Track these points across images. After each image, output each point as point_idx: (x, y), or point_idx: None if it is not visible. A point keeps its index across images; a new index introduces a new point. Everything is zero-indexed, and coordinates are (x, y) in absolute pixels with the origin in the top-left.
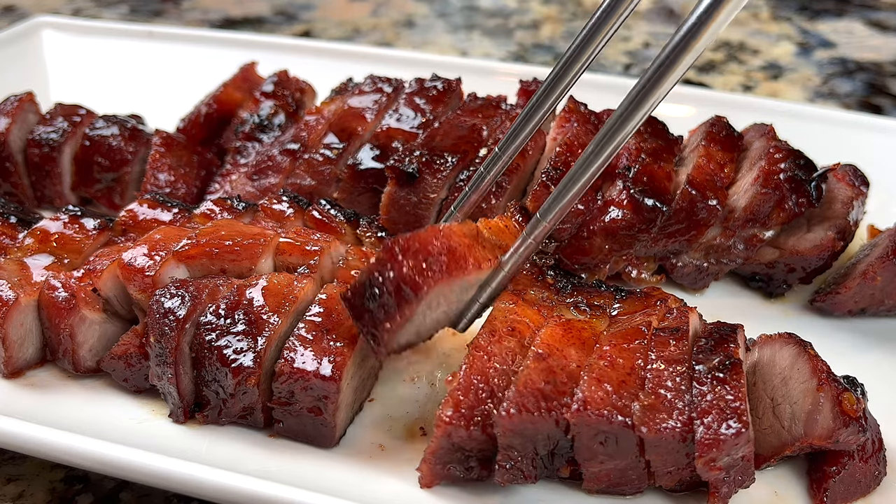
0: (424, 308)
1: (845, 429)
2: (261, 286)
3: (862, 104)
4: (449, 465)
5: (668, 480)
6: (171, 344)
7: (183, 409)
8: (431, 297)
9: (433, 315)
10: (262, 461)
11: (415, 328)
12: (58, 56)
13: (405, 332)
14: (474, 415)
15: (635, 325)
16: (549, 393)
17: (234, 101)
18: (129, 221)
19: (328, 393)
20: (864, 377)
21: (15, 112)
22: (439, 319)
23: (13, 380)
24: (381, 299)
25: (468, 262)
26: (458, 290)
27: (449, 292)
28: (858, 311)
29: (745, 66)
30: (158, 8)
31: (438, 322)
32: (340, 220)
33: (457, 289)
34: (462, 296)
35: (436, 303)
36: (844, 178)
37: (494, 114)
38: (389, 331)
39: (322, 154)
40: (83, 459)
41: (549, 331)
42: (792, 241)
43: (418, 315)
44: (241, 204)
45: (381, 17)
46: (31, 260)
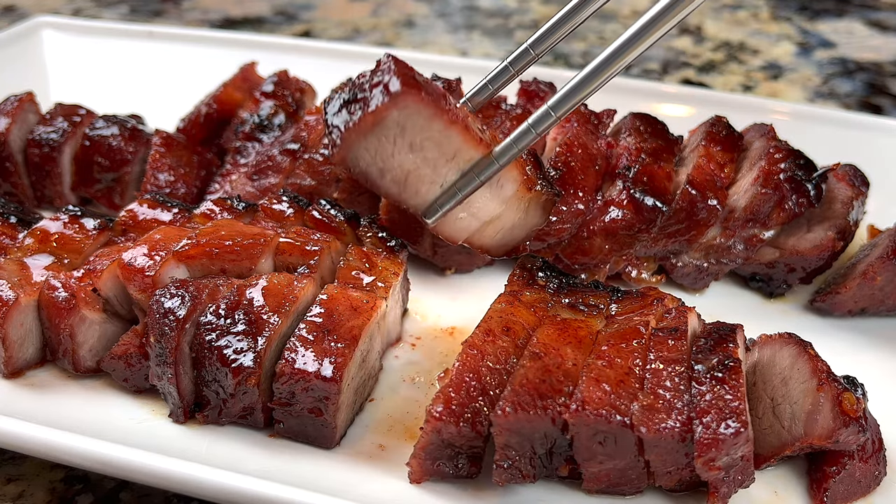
0: (398, 136)
1: (845, 429)
2: (261, 286)
3: (862, 104)
4: (438, 461)
5: (668, 480)
6: (171, 344)
7: (183, 409)
8: (410, 122)
9: (410, 165)
10: (263, 461)
11: (390, 173)
12: (58, 56)
13: (372, 161)
14: (465, 412)
15: (634, 325)
16: (545, 391)
17: (234, 101)
18: (129, 221)
19: (329, 394)
20: (864, 377)
21: (15, 112)
22: (417, 183)
23: (13, 380)
24: (359, 96)
25: (458, 117)
26: (440, 147)
27: (430, 138)
28: (858, 311)
29: (745, 67)
30: (158, 8)
31: (414, 188)
32: (340, 220)
33: (439, 143)
34: (443, 169)
35: (416, 143)
36: (844, 178)
37: (494, 114)
38: (353, 130)
39: (322, 154)
40: (83, 459)
41: (545, 330)
42: (792, 241)
43: (392, 147)
44: (241, 204)
45: (381, 17)
46: (31, 260)
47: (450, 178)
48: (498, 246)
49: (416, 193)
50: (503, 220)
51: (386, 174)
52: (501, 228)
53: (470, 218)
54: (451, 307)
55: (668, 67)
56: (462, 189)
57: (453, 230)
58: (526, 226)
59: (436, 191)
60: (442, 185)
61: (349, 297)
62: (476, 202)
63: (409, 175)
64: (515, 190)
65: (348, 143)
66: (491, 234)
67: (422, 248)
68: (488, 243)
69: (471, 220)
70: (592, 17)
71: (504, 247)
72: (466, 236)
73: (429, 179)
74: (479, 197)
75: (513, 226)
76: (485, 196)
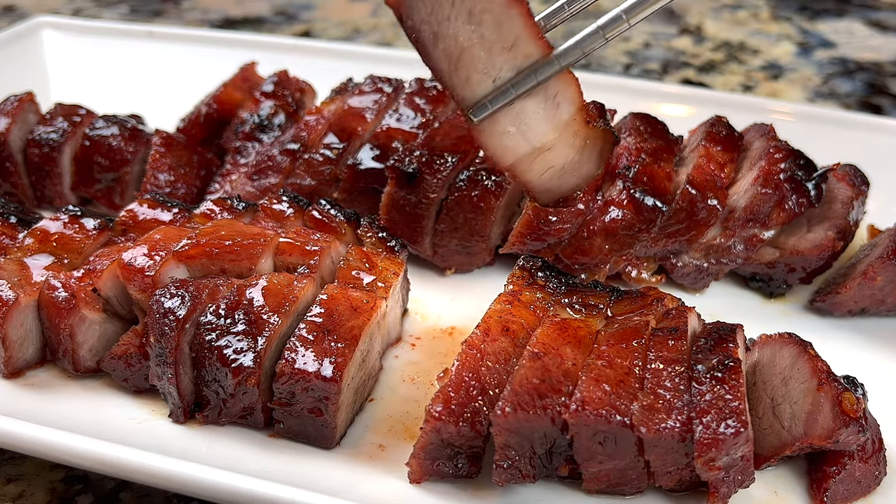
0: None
1: (845, 429)
2: (261, 286)
3: (862, 104)
4: (438, 461)
5: (668, 480)
6: (171, 344)
7: (183, 409)
8: None
9: (465, 39)
10: (263, 461)
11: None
12: (58, 56)
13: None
14: (464, 411)
15: (633, 324)
16: (544, 391)
17: (234, 101)
18: (129, 221)
19: (329, 394)
20: (865, 377)
21: (15, 112)
22: (469, 67)
23: (13, 380)
24: None
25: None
26: (499, 28)
27: (490, 10)
28: (858, 311)
29: (745, 66)
30: (158, 8)
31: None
32: (340, 220)
33: (499, 22)
34: (498, 59)
35: (475, 12)
36: (844, 178)
37: None
38: None
39: (322, 154)
40: (83, 459)
41: (545, 330)
42: (792, 241)
43: (450, 8)
44: (241, 204)
45: (381, 17)
46: (31, 260)
47: (504, 74)
48: (544, 189)
49: (466, 81)
50: (554, 155)
51: (439, 41)
52: (551, 167)
53: (518, 136)
54: (451, 307)
55: (668, 67)
56: (516, 87)
57: (499, 145)
58: (579, 171)
59: (487, 85)
60: (495, 81)
61: (349, 297)
62: (527, 116)
63: (463, 53)
64: (572, 115)
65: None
66: (539, 170)
67: (422, 248)
68: (535, 181)
69: (519, 140)
70: (593, 17)
71: (549, 192)
72: (512, 160)
73: (482, 67)
74: (532, 111)
75: (563, 166)
76: (538, 112)
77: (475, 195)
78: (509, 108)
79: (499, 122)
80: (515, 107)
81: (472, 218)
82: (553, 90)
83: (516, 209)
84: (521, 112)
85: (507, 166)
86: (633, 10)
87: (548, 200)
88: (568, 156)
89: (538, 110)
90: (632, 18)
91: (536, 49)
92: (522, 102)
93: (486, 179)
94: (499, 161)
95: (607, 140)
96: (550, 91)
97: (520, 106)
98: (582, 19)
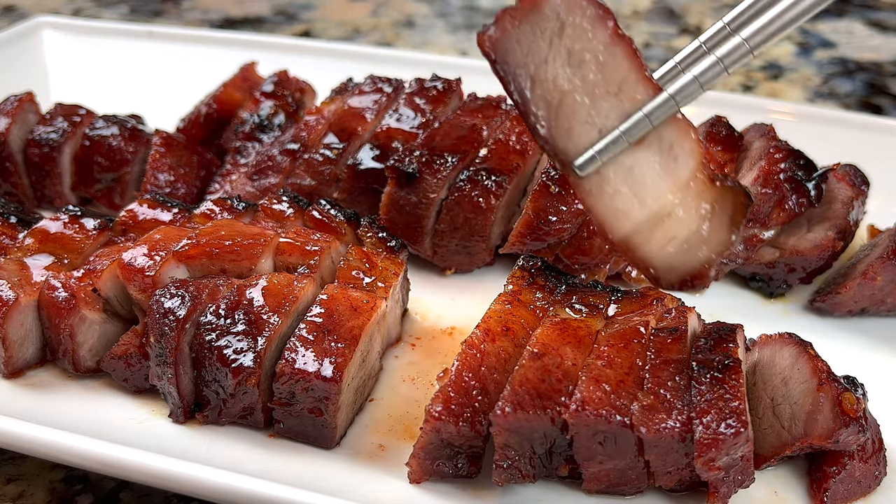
0: (556, 36)
1: (845, 429)
2: (261, 286)
3: (862, 104)
4: (438, 461)
5: (668, 480)
6: (171, 344)
7: (183, 409)
8: (571, 19)
9: (566, 84)
10: (263, 461)
11: (541, 86)
12: (58, 56)
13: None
14: (464, 411)
15: (633, 325)
16: (544, 391)
17: (234, 101)
18: (129, 221)
19: (329, 394)
20: (865, 377)
21: (15, 112)
22: (571, 116)
23: (13, 380)
24: None
25: (626, 35)
26: (602, 69)
27: (592, 50)
28: (859, 311)
29: (745, 66)
30: (158, 8)
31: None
32: (340, 221)
33: (603, 63)
34: (603, 104)
35: (575, 53)
36: (845, 178)
37: (494, 114)
38: (508, 11)
39: (322, 154)
40: (83, 459)
41: (545, 330)
42: (792, 241)
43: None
44: (241, 204)
45: (381, 17)
46: (31, 260)
47: (611, 122)
48: (668, 266)
49: (567, 131)
50: (677, 223)
51: (537, 85)
52: (674, 237)
53: (632, 196)
54: (451, 307)
55: None
56: (628, 135)
57: (610, 208)
58: (708, 242)
59: (593, 135)
60: (601, 131)
61: (349, 297)
62: (641, 171)
63: (564, 99)
64: (692, 171)
65: (502, 26)
66: (660, 242)
67: (422, 248)
68: (656, 256)
69: (633, 202)
70: None
71: (674, 269)
72: (628, 228)
73: (585, 115)
74: (646, 166)
75: (688, 237)
76: (653, 166)
77: (475, 195)
78: (620, 163)
79: (609, 181)
80: (627, 160)
81: (472, 218)
82: (668, 140)
83: (516, 209)
84: (634, 167)
85: (621, 237)
86: (756, 37)
87: (674, 279)
88: (693, 223)
89: (653, 165)
90: (754, 46)
91: (646, 91)
92: (634, 155)
93: (486, 179)
94: (612, 230)
95: (739, 201)
96: (665, 141)
97: (632, 159)
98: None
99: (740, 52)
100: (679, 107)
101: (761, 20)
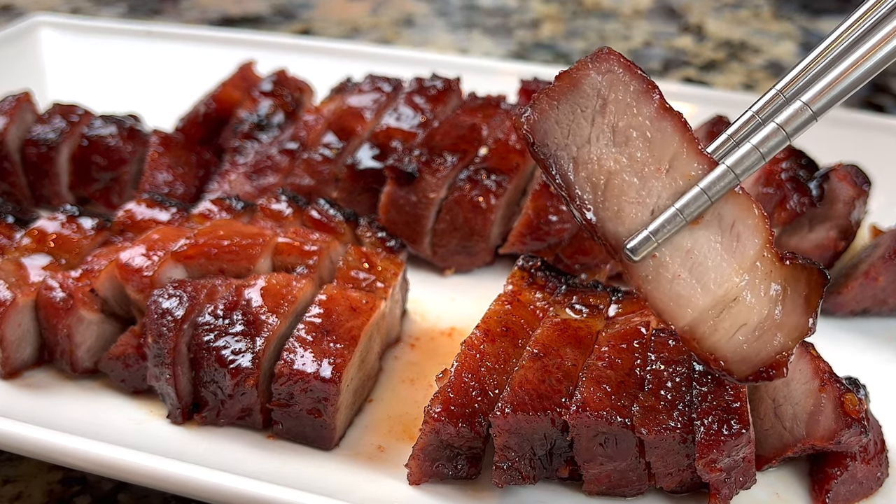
0: (598, 114)
1: (847, 430)
2: (259, 286)
3: (864, 103)
4: (437, 462)
5: (669, 482)
6: (169, 344)
7: (181, 410)
8: (613, 95)
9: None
10: (261, 463)
11: (585, 168)
12: (55, 55)
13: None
14: (463, 412)
15: (634, 325)
16: (545, 392)
17: (232, 101)
18: (127, 221)
19: (328, 395)
20: (867, 378)
21: (12, 111)
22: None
23: (11, 381)
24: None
25: (672, 108)
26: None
27: (638, 126)
28: (861, 312)
29: (746, 66)
30: (157, 7)
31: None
32: (339, 220)
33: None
34: (654, 183)
35: (620, 131)
36: (846, 177)
37: (494, 113)
38: (545, 91)
39: (321, 153)
40: (81, 461)
41: (545, 330)
42: (794, 241)
43: (589, 128)
44: (239, 204)
45: (381, 16)
46: (29, 260)
47: (663, 202)
48: (739, 357)
49: (617, 213)
50: (745, 309)
51: (580, 167)
52: (743, 324)
53: (693, 282)
54: (451, 307)
55: (670, 66)
56: (685, 212)
57: (671, 295)
58: (782, 328)
59: (645, 216)
60: (654, 211)
61: (348, 297)
62: (701, 254)
63: (611, 179)
64: (758, 250)
65: (539, 107)
66: (727, 331)
67: (421, 248)
68: (724, 346)
69: (694, 287)
70: (593, 17)
71: (747, 360)
72: (691, 317)
73: (635, 195)
74: (706, 247)
75: (760, 323)
76: (713, 247)
77: (475, 195)
78: (678, 245)
79: (667, 266)
80: (685, 241)
81: (472, 218)
82: (729, 218)
83: (516, 209)
84: (693, 249)
85: (684, 326)
86: (818, 100)
87: (748, 371)
88: (764, 308)
89: (714, 246)
90: (818, 111)
91: (700, 166)
92: (693, 235)
93: (486, 179)
94: (673, 320)
95: (814, 280)
96: (726, 219)
97: (690, 241)
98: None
99: (803, 117)
100: (740, 180)
101: (822, 82)
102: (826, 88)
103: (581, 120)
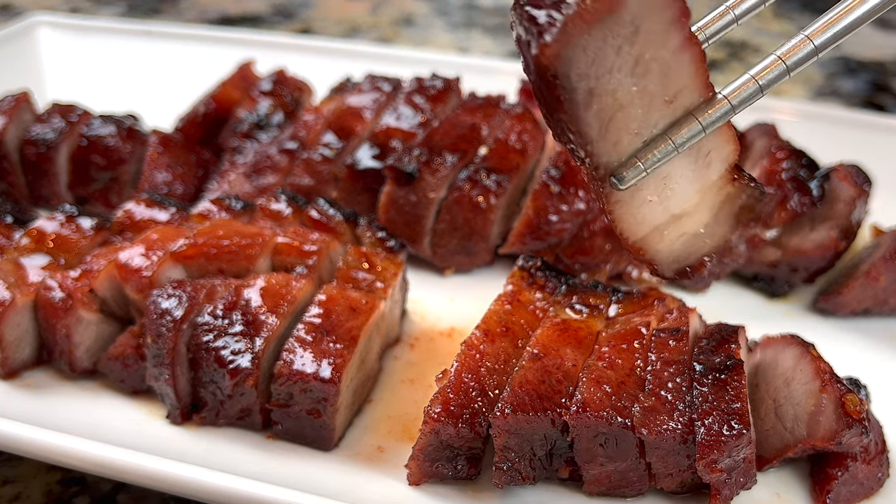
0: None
1: (848, 430)
2: (258, 286)
3: (865, 103)
4: (437, 462)
5: (670, 482)
6: (168, 345)
7: (180, 410)
8: (647, 24)
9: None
10: (260, 463)
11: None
12: (54, 54)
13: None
14: (463, 413)
15: (634, 325)
16: (545, 392)
17: (231, 100)
18: (126, 221)
19: (327, 395)
20: (868, 378)
21: (11, 111)
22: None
23: (9, 381)
24: None
25: (698, 40)
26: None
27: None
28: (862, 312)
29: (746, 65)
30: (156, 6)
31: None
32: (339, 220)
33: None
34: (654, 115)
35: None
36: (847, 177)
37: (494, 112)
38: (579, 14)
39: (320, 153)
40: (80, 461)
41: (545, 331)
42: (795, 241)
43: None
44: (238, 203)
45: (380, 15)
46: (27, 260)
47: (658, 130)
48: (672, 259)
49: (614, 145)
50: (690, 220)
51: (593, 101)
52: (683, 233)
53: (657, 205)
54: (450, 308)
55: None
56: (679, 143)
57: (635, 217)
58: (711, 235)
59: (636, 146)
60: (646, 140)
61: (348, 297)
62: (674, 180)
63: (619, 113)
64: (720, 174)
65: (569, 32)
66: (671, 239)
67: (421, 248)
68: (663, 251)
69: (657, 210)
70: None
71: (677, 262)
72: (644, 232)
73: (635, 127)
74: (680, 174)
75: (696, 232)
76: (685, 174)
77: (475, 195)
78: (657, 173)
79: (642, 191)
80: (664, 169)
81: (472, 218)
82: (707, 147)
83: (516, 209)
84: (669, 176)
85: (636, 241)
86: (819, 34)
87: (674, 270)
88: (704, 217)
89: (686, 173)
90: (818, 41)
91: (699, 97)
92: (672, 163)
93: (486, 179)
94: (628, 234)
95: (750, 197)
96: (704, 148)
97: (668, 168)
98: None
99: (805, 50)
100: (735, 112)
101: (826, 16)
102: (829, 22)
103: (608, 49)
